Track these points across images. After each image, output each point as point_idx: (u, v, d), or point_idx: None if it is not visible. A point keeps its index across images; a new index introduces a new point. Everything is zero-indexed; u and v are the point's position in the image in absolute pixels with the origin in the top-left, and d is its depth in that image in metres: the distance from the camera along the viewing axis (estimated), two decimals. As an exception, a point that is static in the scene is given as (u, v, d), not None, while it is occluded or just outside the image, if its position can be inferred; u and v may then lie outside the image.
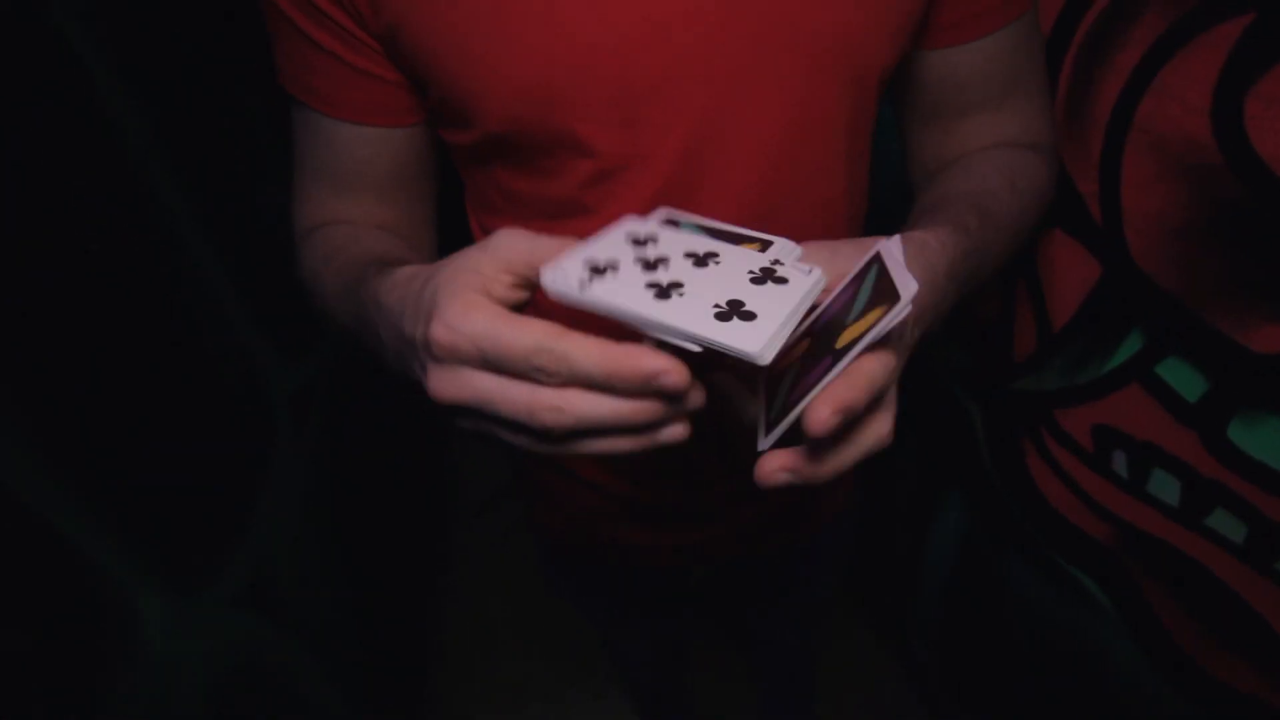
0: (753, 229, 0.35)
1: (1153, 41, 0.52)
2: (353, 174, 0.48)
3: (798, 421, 0.28)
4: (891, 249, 0.31)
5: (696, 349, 0.27)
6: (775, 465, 0.29)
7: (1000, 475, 0.81)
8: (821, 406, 0.27)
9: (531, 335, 0.26)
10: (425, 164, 0.49)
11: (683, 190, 0.43)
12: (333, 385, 1.11)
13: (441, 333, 0.27)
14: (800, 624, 0.93)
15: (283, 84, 0.46)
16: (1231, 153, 0.49)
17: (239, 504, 0.82)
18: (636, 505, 0.61)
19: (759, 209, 0.44)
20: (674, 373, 0.26)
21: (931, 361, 0.88)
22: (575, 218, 0.45)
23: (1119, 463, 0.66)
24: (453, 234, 0.53)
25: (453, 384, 0.27)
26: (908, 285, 0.27)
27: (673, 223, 0.34)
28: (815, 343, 0.31)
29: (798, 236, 0.47)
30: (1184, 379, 0.57)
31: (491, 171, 0.47)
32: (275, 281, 0.97)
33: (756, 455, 0.30)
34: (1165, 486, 0.62)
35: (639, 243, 0.31)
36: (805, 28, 0.40)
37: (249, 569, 0.82)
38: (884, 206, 0.58)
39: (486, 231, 0.52)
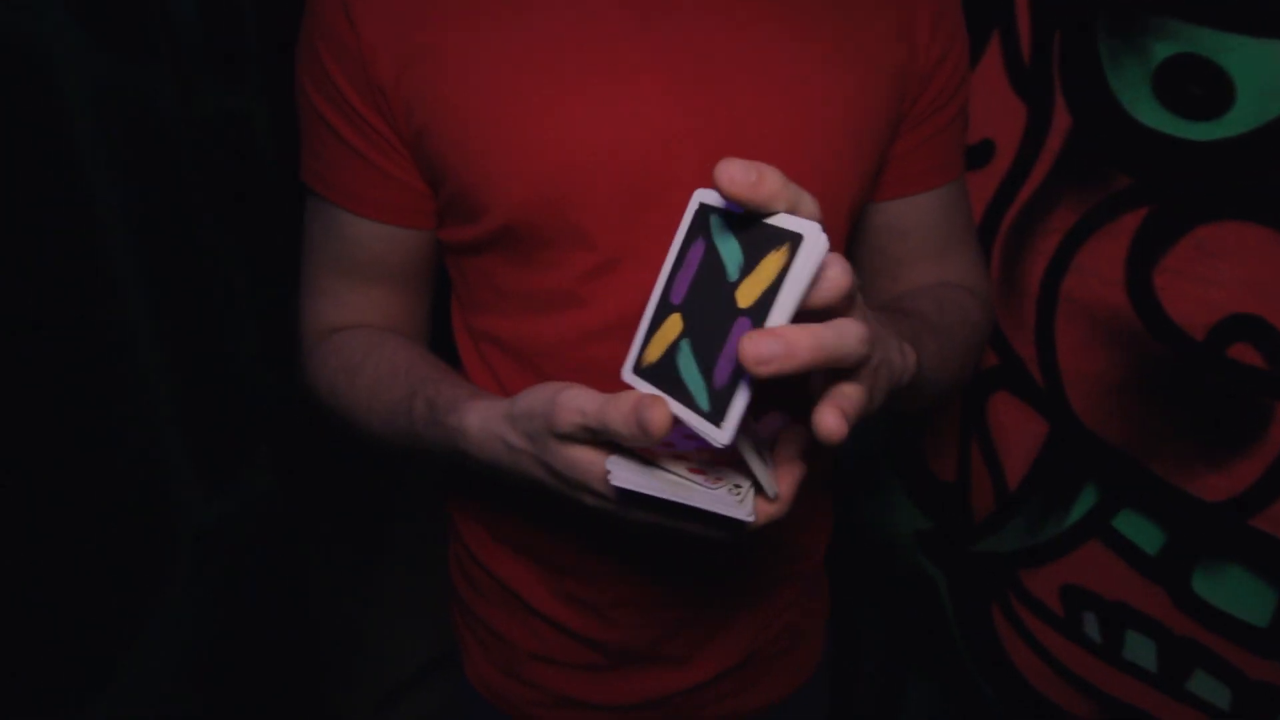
0: None
1: (1067, 229, 0.61)
2: (367, 266, 0.51)
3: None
4: (709, 197, 0.30)
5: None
6: (829, 415, 0.29)
7: (969, 647, 0.78)
8: (828, 415, 0.29)
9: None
10: (429, 265, 0.53)
11: None
12: (252, 528, 1.00)
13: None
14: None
15: (307, 180, 0.49)
16: (1149, 319, 0.56)
17: (108, 650, 0.69)
18: (594, 645, 0.55)
19: None
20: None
21: (891, 528, 0.88)
22: (571, 309, 0.47)
23: (1091, 625, 0.65)
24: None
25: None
26: (802, 225, 0.27)
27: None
28: (699, 314, 0.30)
29: None
30: (1142, 532, 0.59)
31: (488, 267, 0.49)
32: (213, 404, 0.92)
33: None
34: (1141, 649, 0.61)
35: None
36: (777, 153, 0.46)
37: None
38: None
39: (471, 330, 0.53)
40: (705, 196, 0.31)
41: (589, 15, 0.43)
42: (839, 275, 0.28)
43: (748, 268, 0.29)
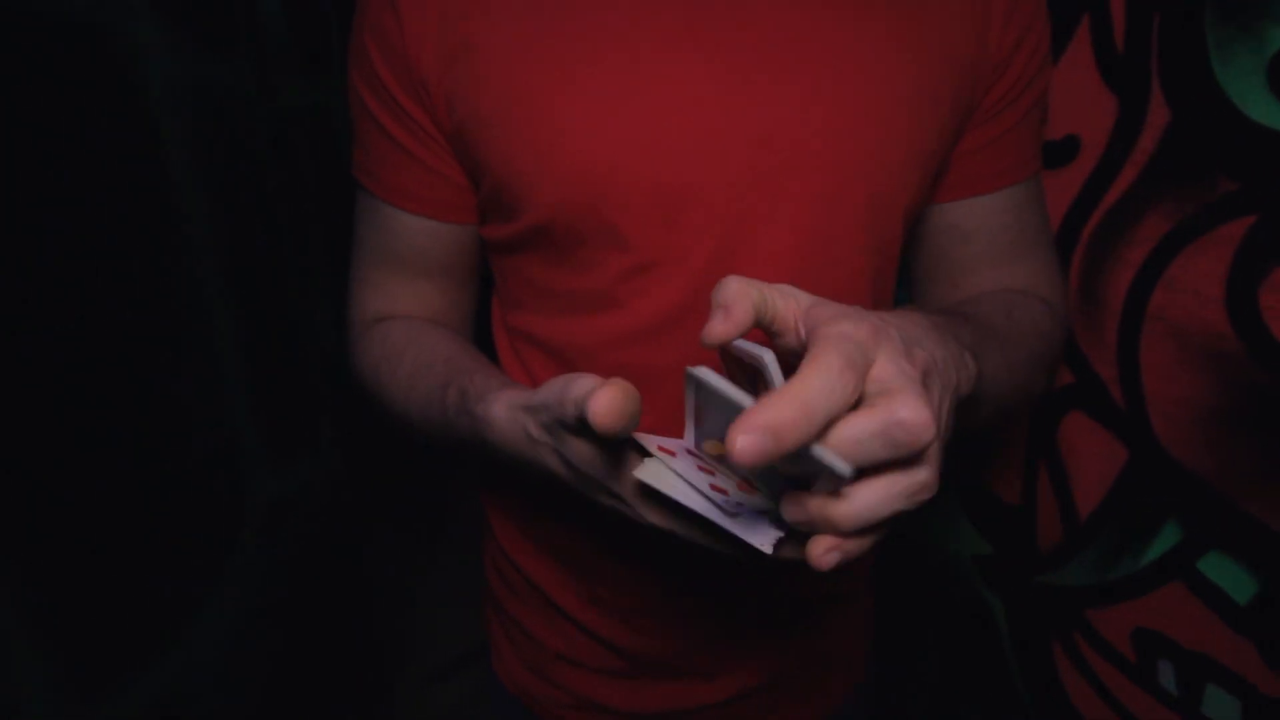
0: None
1: (1159, 238, 0.55)
2: (411, 259, 0.51)
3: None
4: (706, 376, 0.28)
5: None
6: (823, 547, 0.27)
7: (1027, 684, 0.72)
8: (817, 545, 0.27)
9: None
10: (473, 260, 0.53)
11: (711, 290, 0.44)
12: (318, 502, 1.05)
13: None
14: None
15: (355, 175, 0.50)
16: (1252, 342, 0.49)
17: (180, 608, 0.73)
18: (619, 651, 0.54)
19: None
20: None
21: (949, 551, 0.83)
22: (605, 312, 0.46)
23: (1166, 676, 0.59)
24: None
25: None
26: (824, 456, 0.25)
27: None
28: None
29: None
30: (1231, 578, 0.53)
31: (526, 266, 0.48)
32: (283, 378, 0.96)
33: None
34: (1223, 707, 0.55)
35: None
36: (825, 153, 0.43)
37: (160, 693, 0.70)
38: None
39: (510, 328, 0.52)
40: (701, 376, 0.29)
41: (631, 11, 0.42)
42: (912, 429, 0.25)
43: None
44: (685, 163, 0.42)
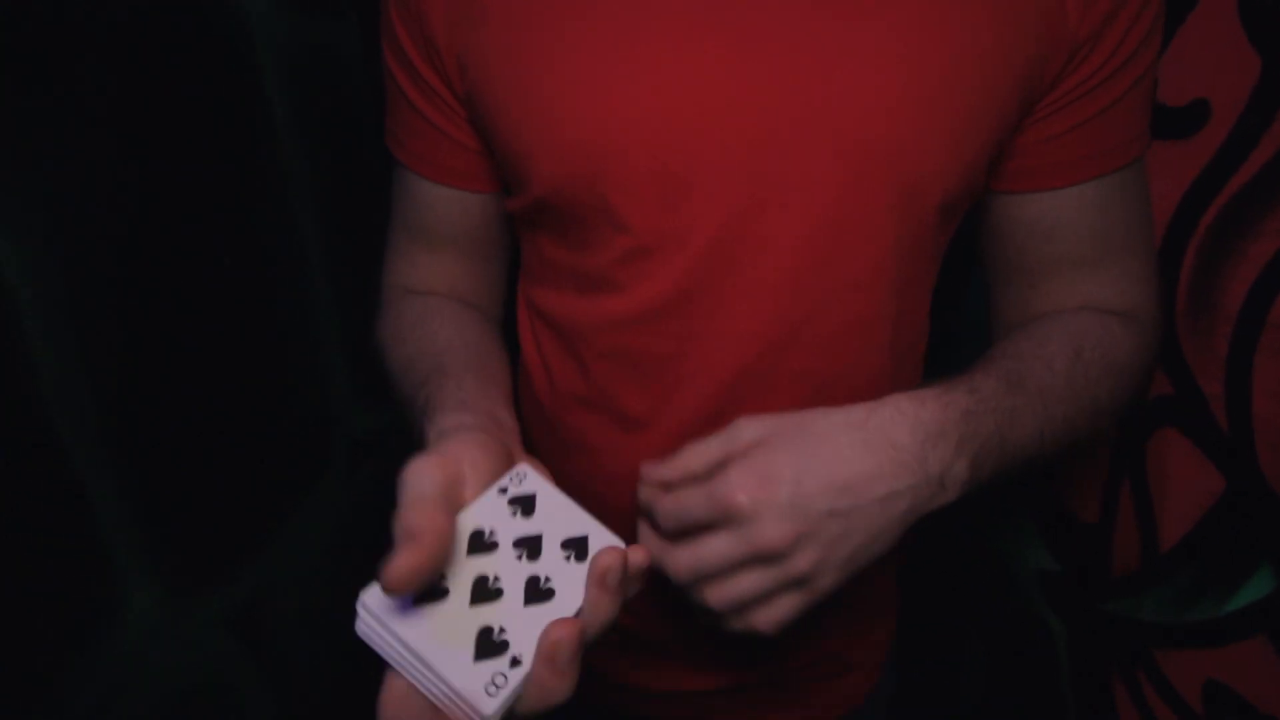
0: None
1: (1295, 232, 0.45)
2: (433, 229, 0.51)
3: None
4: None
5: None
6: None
7: (1081, 717, 0.66)
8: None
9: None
10: (496, 230, 0.53)
11: (712, 279, 0.42)
12: (401, 442, 1.14)
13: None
14: None
15: (387, 144, 0.52)
16: (1395, 370, 0.40)
17: (263, 525, 0.83)
18: (623, 631, 0.55)
19: (789, 312, 0.42)
20: None
21: (1012, 562, 0.76)
22: (605, 293, 0.45)
23: (1238, 739, 0.51)
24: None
25: None
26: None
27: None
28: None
29: (828, 355, 0.44)
30: (1329, 645, 0.44)
31: (536, 239, 0.48)
32: (373, 326, 1.04)
33: None
34: (1300, 788, 0.47)
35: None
36: (848, 131, 0.38)
37: (251, 591, 0.81)
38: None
39: (529, 301, 0.52)
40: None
41: None
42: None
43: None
44: (685, 143, 0.39)
